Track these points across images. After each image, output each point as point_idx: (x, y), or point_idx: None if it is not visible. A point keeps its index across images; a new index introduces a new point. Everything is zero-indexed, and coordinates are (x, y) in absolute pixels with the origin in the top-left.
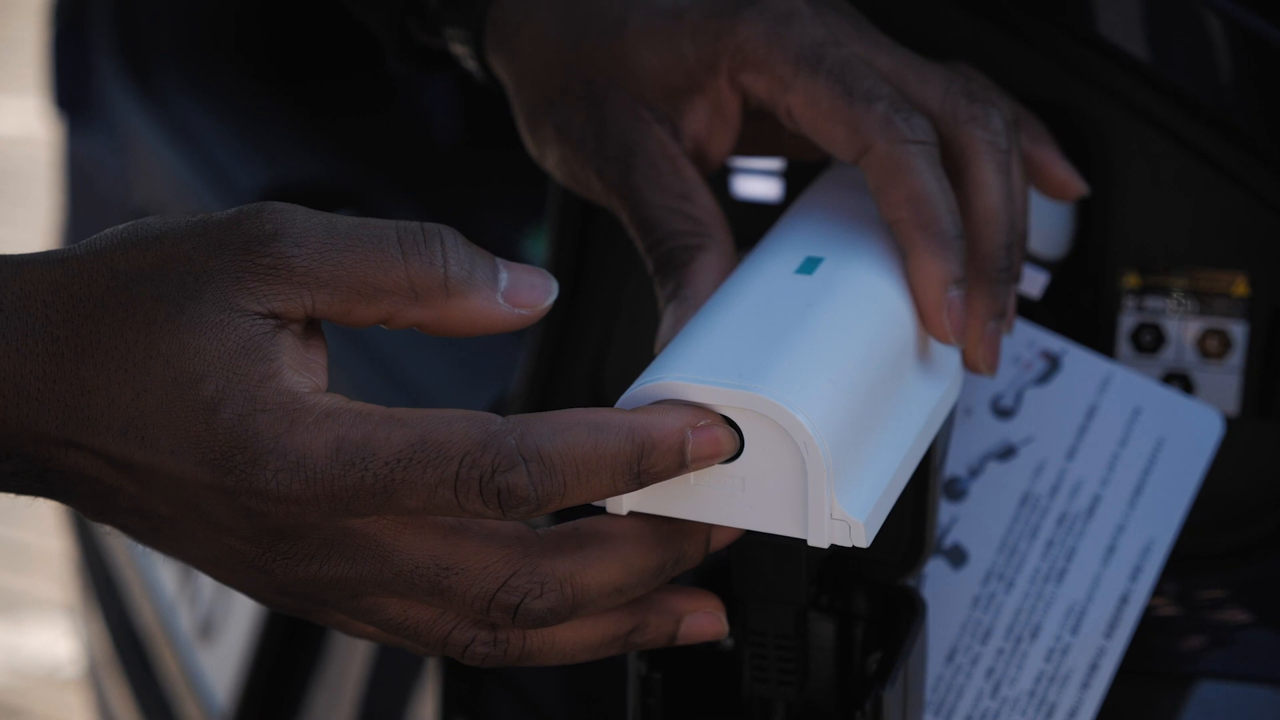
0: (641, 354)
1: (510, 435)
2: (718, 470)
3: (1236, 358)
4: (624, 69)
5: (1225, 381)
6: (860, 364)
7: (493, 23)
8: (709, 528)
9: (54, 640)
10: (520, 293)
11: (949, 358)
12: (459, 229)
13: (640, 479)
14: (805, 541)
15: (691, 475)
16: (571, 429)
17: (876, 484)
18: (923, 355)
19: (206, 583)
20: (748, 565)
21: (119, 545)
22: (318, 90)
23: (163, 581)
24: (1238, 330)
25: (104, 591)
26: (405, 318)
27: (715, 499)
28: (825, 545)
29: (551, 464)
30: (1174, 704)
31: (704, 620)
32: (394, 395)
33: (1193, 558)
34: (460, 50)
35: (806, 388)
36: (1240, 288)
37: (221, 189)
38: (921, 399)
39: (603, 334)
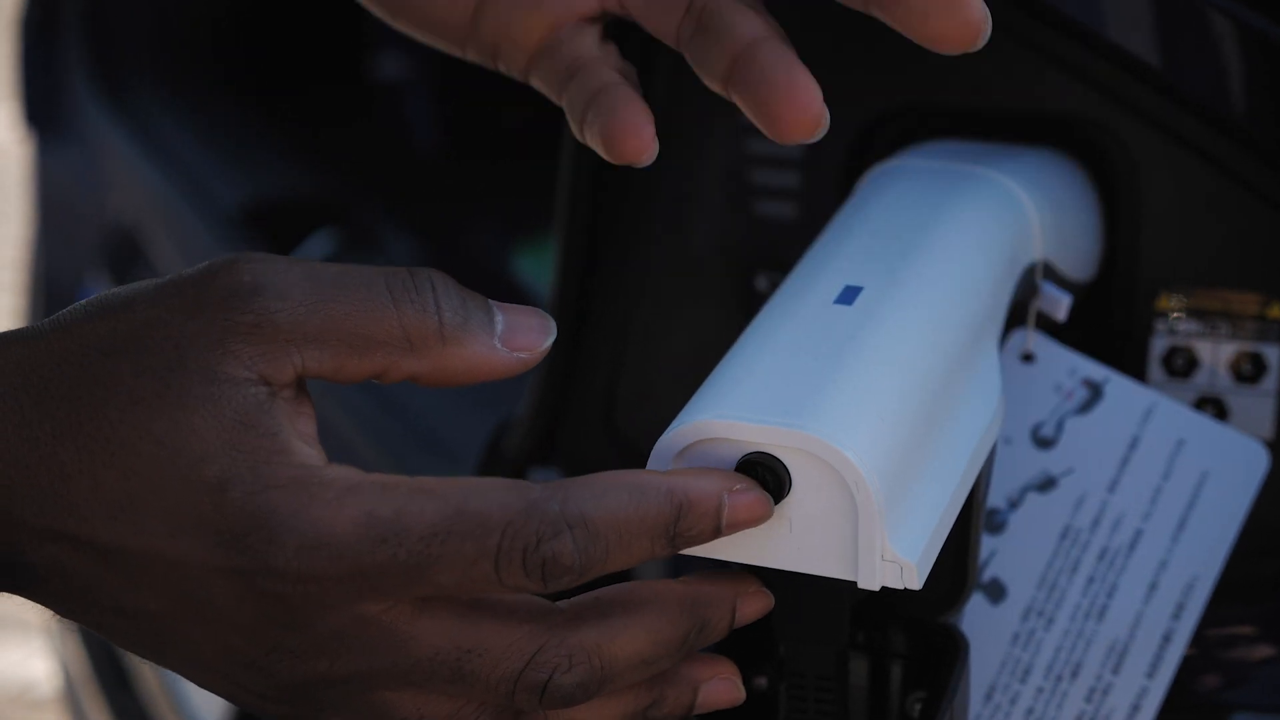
0: (655, 376)
1: (552, 502)
2: None
3: (1271, 381)
4: None
5: (1259, 405)
6: (907, 398)
7: None
8: (735, 596)
9: (27, 658)
10: (518, 336)
11: (990, 388)
12: (441, 241)
13: (674, 542)
14: (855, 584)
15: None
16: (612, 492)
17: (926, 523)
18: (966, 387)
19: None
20: (787, 606)
21: None
22: (295, 102)
23: None
24: (1272, 353)
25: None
26: (400, 370)
27: (762, 541)
28: (876, 587)
29: (596, 530)
30: None
31: (720, 687)
32: (385, 418)
33: (1225, 586)
34: None
35: (855, 425)
36: (1275, 310)
37: (201, 203)
38: (966, 432)
39: (614, 356)
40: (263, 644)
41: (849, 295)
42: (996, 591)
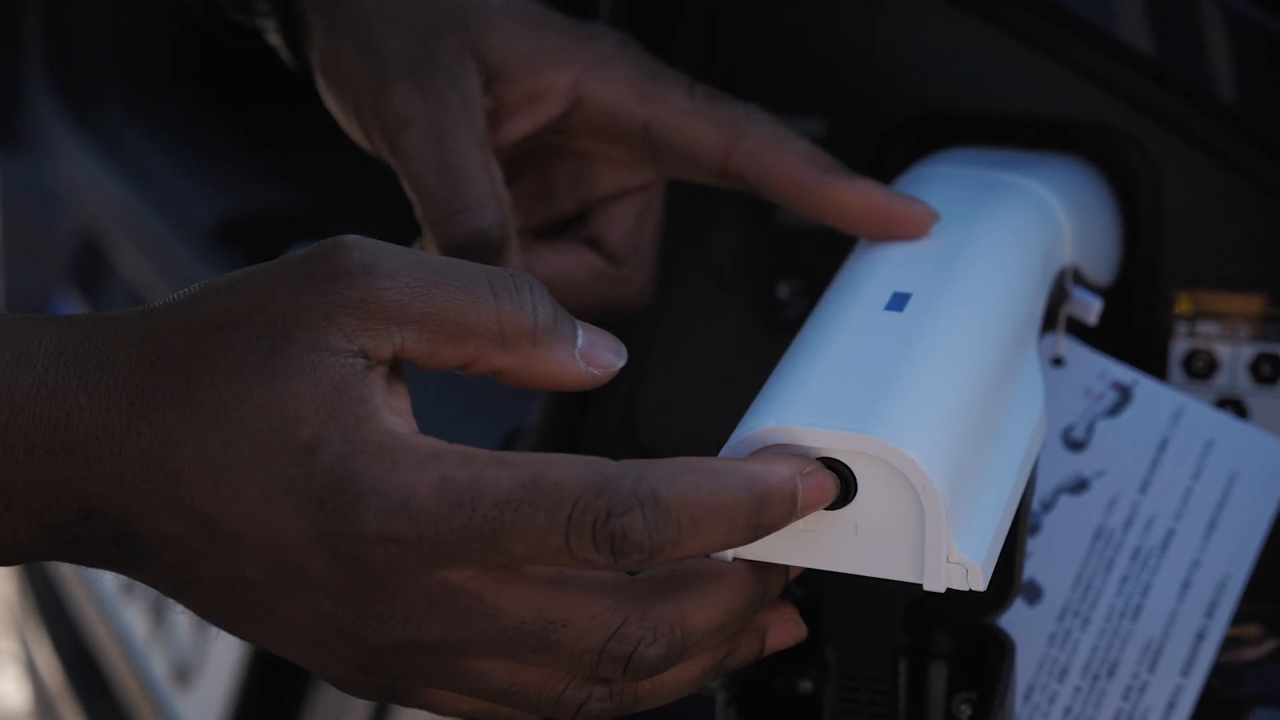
0: (677, 385)
1: (626, 479)
2: (830, 516)
3: None
4: (474, 24)
5: (1279, 406)
6: (964, 403)
7: None
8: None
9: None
10: (596, 353)
11: (1035, 391)
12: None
13: (757, 531)
14: (921, 586)
15: (802, 521)
16: (689, 474)
17: (988, 524)
18: (1014, 390)
19: (181, 624)
20: (842, 609)
21: (75, 583)
22: (267, 116)
23: (133, 625)
24: None
25: (57, 626)
26: (490, 362)
27: (828, 545)
28: (942, 589)
29: (669, 509)
30: None
31: (785, 629)
32: None
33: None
34: (264, 21)
35: (919, 429)
36: None
37: (173, 218)
38: (1017, 434)
39: (636, 365)
40: (353, 609)
41: (899, 302)
42: (1033, 593)
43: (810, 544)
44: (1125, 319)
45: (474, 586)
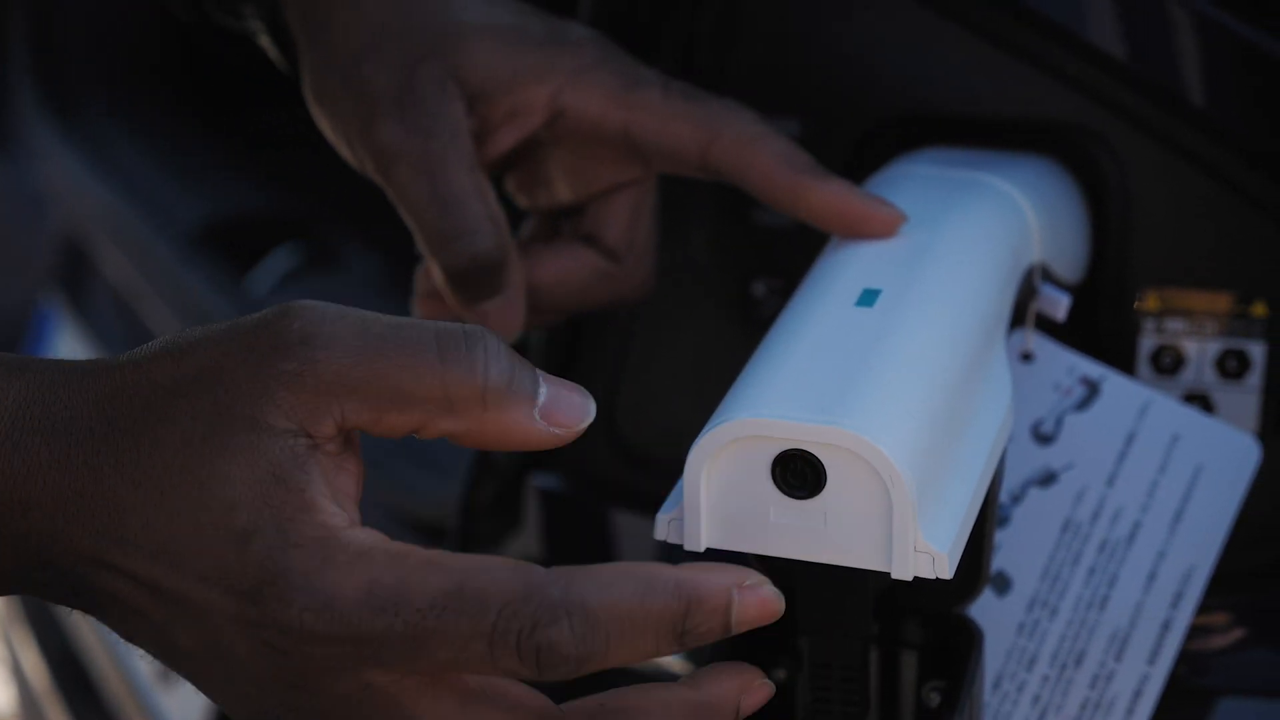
0: (655, 381)
1: (554, 587)
2: (800, 506)
3: (1255, 378)
4: (452, 49)
5: (1244, 402)
6: (932, 396)
7: None
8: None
9: None
10: (559, 411)
11: (1002, 385)
12: (404, 258)
13: (683, 640)
14: (879, 575)
15: (771, 509)
16: (619, 583)
17: (955, 514)
18: (982, 384)
19: None
20: (813, 598)
21: None
22: (251, 119)
23: None
24: (1257, 351)
25: (41, 626)
26: (437, 428)
27: (798, 534)
28: (909, 578)
29: (596, 620)
30: None
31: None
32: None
33: (1216, 576)
34: (254, 22)
35: (886, 420)
36: (1259, 309)
37: (157, 220)
38: (985, 427)
39: (615, 361)
40: (274, 700)
41: (869, 298)
42: (1002, 584)
43: (780, 534)
44: (1094, 315)
45: (395, 690)
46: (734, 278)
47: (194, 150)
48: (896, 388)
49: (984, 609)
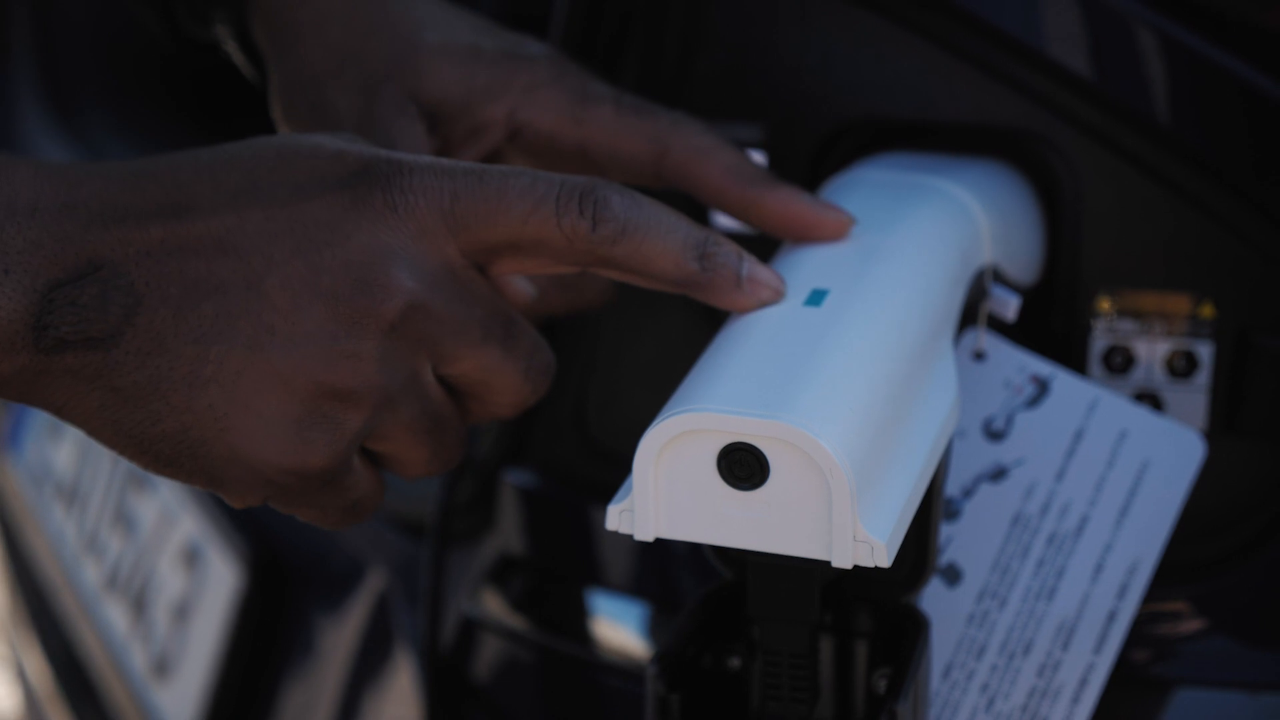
0: (624, 379)
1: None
2: (744, 497)
3: (1203, 377)
4: (410, 72)
5: (1193, 400)
6: (874, 392)
7: (261, 10)
8: None
9: None
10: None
11: (948, 382)
12: None
13: (704, 261)
14: (829, 563)
15: (717, 500)
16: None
17: (894, 505)
18: (926, 381)
19: (161, 620)
20: (762, 587)
21: (62, 584)
22: (251, 127)
23: (113, 620)
24: (1204, 350)
25: (43, 626)
26: None
27: (743, 524)
28: (849, 566)
29: (642, 201)
30: (1148, 712)
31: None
32: None
33: (1162, 569)
34: (222, 30)
35: (828, 415)
36: (1206, 309)
37: None
38: (928, 423)
39: (585, 360)
40: (350, 194)
41: (816, 298)
42: (953, 575)
43: (727, 524)
44: (1048, 316)
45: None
46: None
47: None
48: (839, 383)
49: (935, 600)
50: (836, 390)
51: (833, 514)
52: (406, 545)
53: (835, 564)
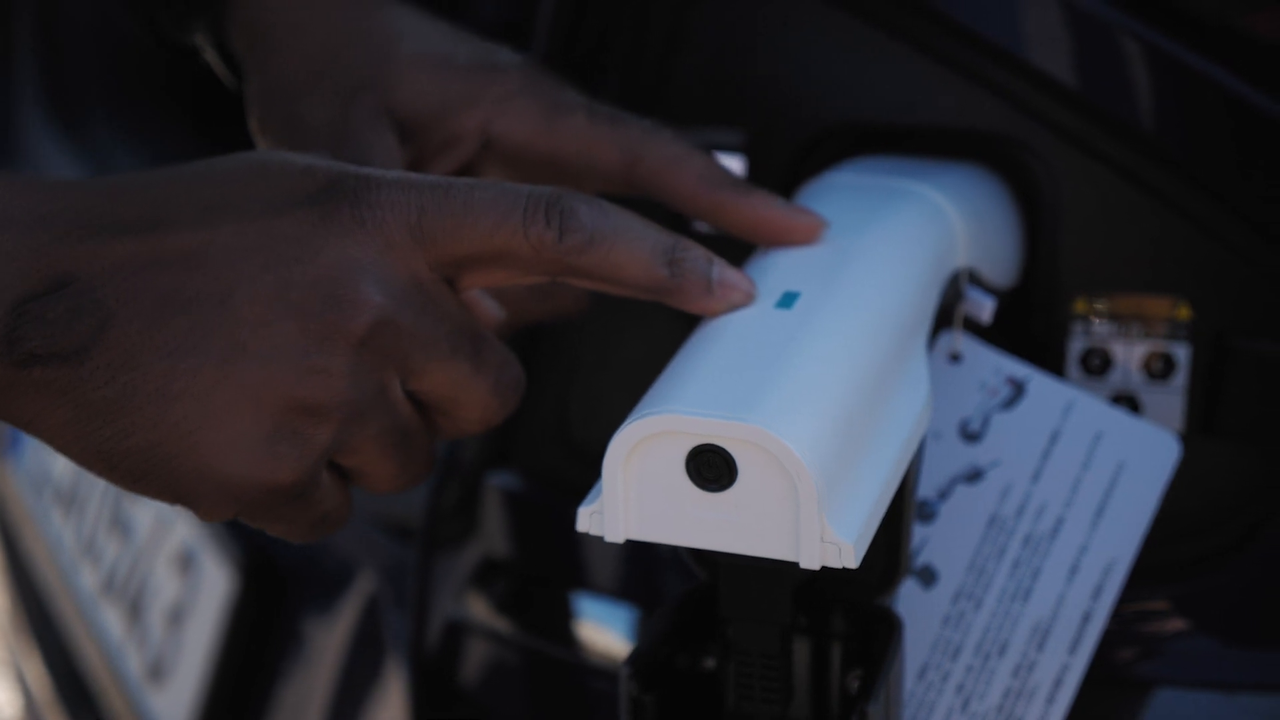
0: (606, 384)
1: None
2: (713, 498)
3: (1180, 378)
4: (384, 83)
5: (1170, 402)
6: (843, 393)
7: (238, 20)
8: None
9: None
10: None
11: (919, 384)
12: None
13: (673, 267)
14: (797, 564)
15: (686, 502)
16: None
17: (863, 506)
18: (897, 383)
19: (156, 624)
20: (734, 588)
21: (60, 590)
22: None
23: (109, 624)
24: (1181, 352)
25: (43, 632)
26: None
27: (712, 525)
28: (816, 567)
29: (608, 209)
30: (1128, 711)
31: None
32: None
33: (1140, 571)
34: (201, 38)
35: (795, 417)
36: (1183, 311)
37: None
38: (898, 424)
39: (568, 365)
40: (316, 212)
41: (788, 300)
42: (928, 577)
43: (697, 525)
44: (1027, 319)
45: (435, 286)
46: None
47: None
48: (807, 385)
49: (910, 601)
50: (804, 392)
51: (800, 515)
52: (397, 548)
53: (803, 565)
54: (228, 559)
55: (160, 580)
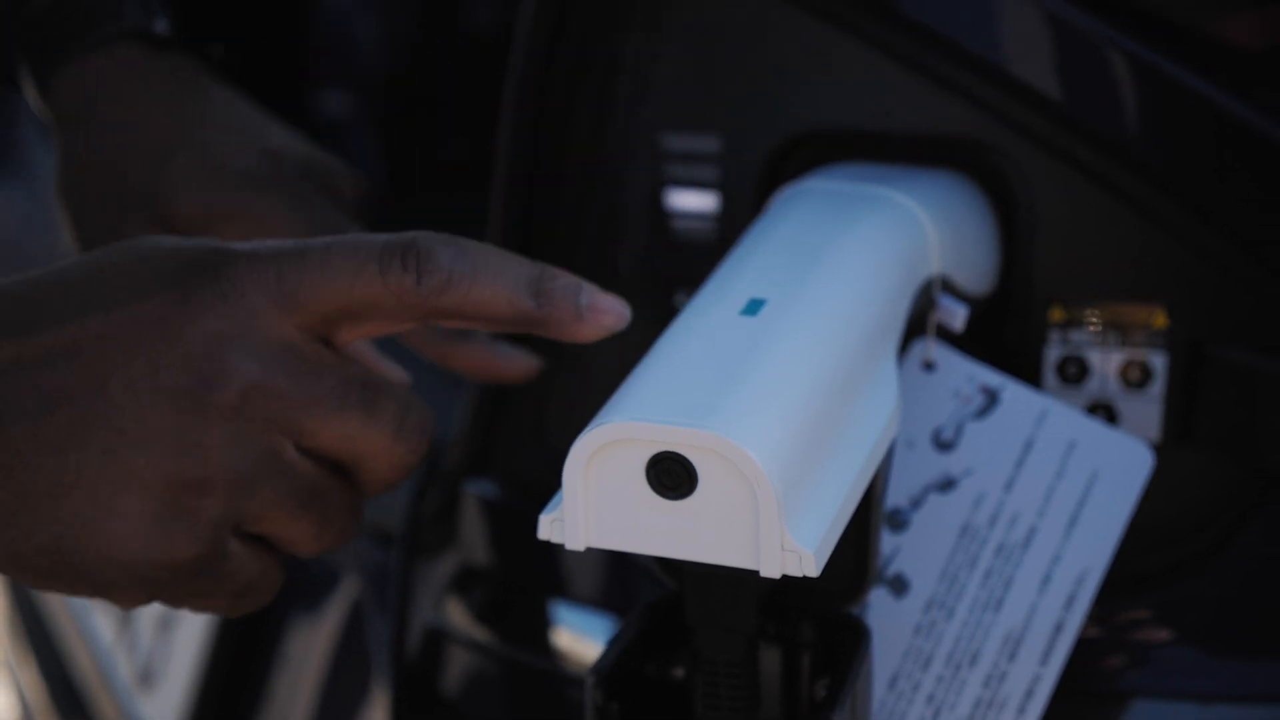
0: (584, 391)
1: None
2: (673, 506)
3: (1157, 387)
4: (159, 196)
5: (1147, 410)
6: (806, 400)
7: (55, 88)
8: None
9: None
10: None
11: (887, 392)
12: None
13: (539, 298)
14: (758, 573)
15: (647, 509)
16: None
17: (825, 515)
18: (864, 390)
19: (145, 629)
20: (699, 596)
21: (57, 601)
22: None
23: (100, 629)
24: (1158, 360)
25: (38, 641)
26: None
27: (673, 533)
28: (777, 575)
29: (466, 248)
30: None
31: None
32: None
33: (1116, 579)
34: (26, 82)
35: (755, 424)
36: (1159, 319)
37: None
38: (864, 432)
39: (547, 371)
40: (183, 303)
41: (753, 307)
42: (900, 586)
43: (658, 533)
44: (1003, 327)
45: (308, 347)
46: (657, 290)
47: None
48: (768, 392)
49: (881, 611)
50: (765, 399)
51: (760, 523)
52: (381, 554)
53: (763, 573)
54: None
55: None
